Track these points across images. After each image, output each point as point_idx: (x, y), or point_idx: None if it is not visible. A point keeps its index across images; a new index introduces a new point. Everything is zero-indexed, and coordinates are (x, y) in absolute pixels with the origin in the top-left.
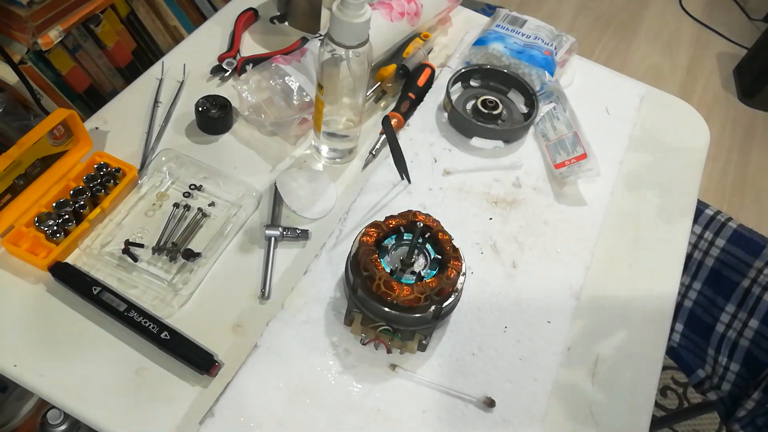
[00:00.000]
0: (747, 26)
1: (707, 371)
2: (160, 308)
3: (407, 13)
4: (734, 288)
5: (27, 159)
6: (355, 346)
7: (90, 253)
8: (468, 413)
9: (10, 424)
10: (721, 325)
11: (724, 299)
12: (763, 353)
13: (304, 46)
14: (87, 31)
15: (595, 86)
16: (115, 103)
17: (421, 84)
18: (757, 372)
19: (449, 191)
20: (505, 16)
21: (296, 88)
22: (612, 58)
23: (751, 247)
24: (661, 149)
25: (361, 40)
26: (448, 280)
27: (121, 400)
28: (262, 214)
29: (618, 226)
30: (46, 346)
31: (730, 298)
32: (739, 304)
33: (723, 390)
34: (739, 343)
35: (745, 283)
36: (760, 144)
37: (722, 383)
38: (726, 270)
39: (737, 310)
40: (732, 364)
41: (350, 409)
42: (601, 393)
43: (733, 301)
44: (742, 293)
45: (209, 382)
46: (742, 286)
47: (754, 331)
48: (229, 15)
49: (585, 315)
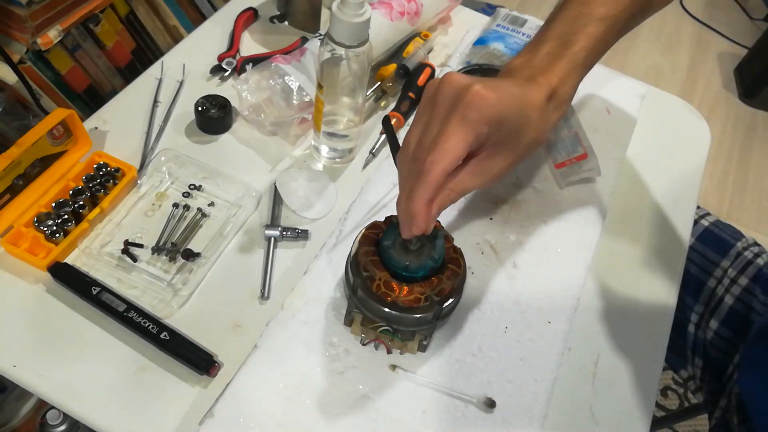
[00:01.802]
0: (748, 26)
1: (689, 371)
2: (159, 308)
3: (407, 12)
4: (701, 288)
5: (26, 159)
6: (355, 347)
7: (89, 253)
8: (468, 414)
9: (9, 425)
10: (691, 325)
11: (692, 299)
12: (722, 355)
13: (304, 46)
14: (86, 30)
15: (595, 86)
16: (115, 103)
17: (421, 84)
18: (719, 376)
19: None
20: (505, 16)
21: (296, 87)
22: (612, 58)
23: (719, 246)
24: (661, 149)
25: (361, 39)
26: (448, 280)
27: (120, 400)
28: (261, 214)
29: (618, 226)
30: (45, 347)
31: (698, 299)
32: (706, 304)
33: (705, 391)
34: (705, 345)
35: (711, 283)
36: (761, 144)
37: (703, 384)
38: (693, 268)
39: (704, 310)
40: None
41: (350, 409)
42: (601, 393)
43: (701, 302)
44: (708, 293)
45: (209, 383)
46: (708, 287)
47: (713, 332)
48: (229, 14)
49: (585, 315)
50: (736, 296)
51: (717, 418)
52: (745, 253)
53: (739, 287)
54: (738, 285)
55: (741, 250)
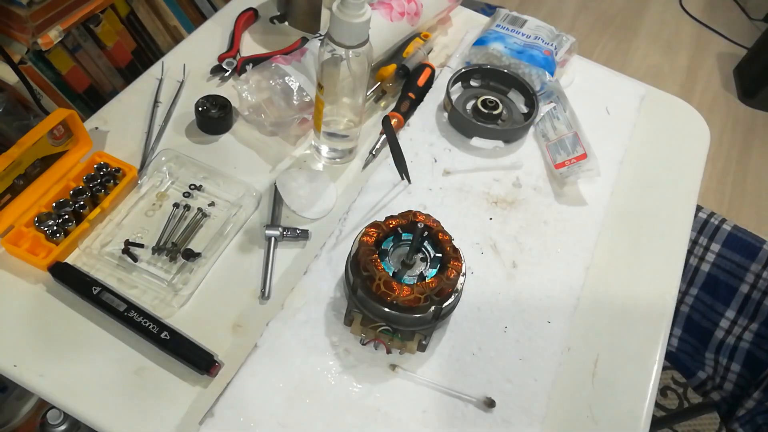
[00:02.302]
0: (747, 26)
1: (708, 372)
2: (160, 308)
3: (407, 12)
4: (733, 293)
5: (27, 159)
6: (355, 346)
7: (90, 253)
8: (468, 413)
9: (10, 424)
10: (720, 330)
11: (723, 305)
12: (764, 354)
13: (304, 46)
14: (87, 31)
15: (595, 86)
16: (115, 103)
17: (421, 84)
18: (758, 372)
19: (449, 191)
20: (505, 16)
21: (296, 88)
22: (612, 58)
23: (747, 251)
24: (661, 149)
25: (361, 40)
26: (448, 280)
27: (121, 400)
28: (262, 214)
29: (618, 226)
30: (46, 346)
31: (729, 304)
32: (739, 309)
33: (725, 389)
34: (739, 346)
35: (743, 288)
36: (760, 144)
37: (724, 383)
38: (723, 275)
39: (737, 315)
40: (733, 365)
41: (350, 409)
42: (601, 393)
43: (733, 307)
44: (741, 299)
45: (209, 382)
46: (740, 292)
47: (754, 334)
48: (229, 15)
49: (585, 315)
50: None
51: (748, 408)
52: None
53: None
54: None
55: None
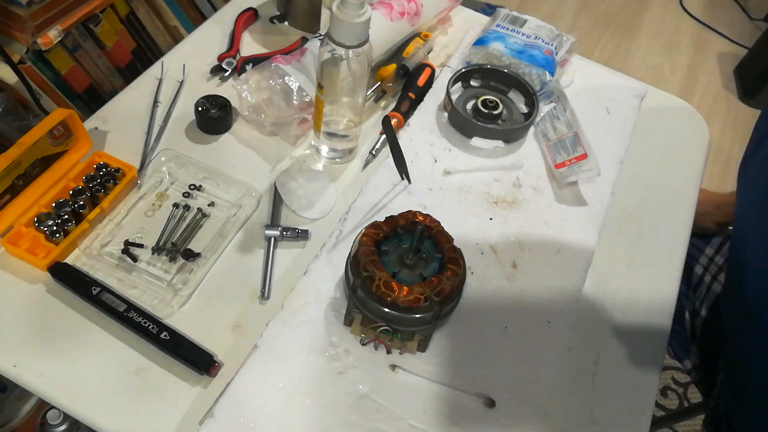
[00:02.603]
0: (747, 26)
1: (693, 361)
2: (159, 308)
3: (407, 12)
4: (689, 273)
5: (26, 159)
6: (355, 347)
7: (89, 253)
8: (468, 413)
9: (10, 424)
10: (687, 311)
11: (685, 285)
12: (718, 343)
13: (304, 46)
14: (86, 30)
15: (595, 86)
16: (115, 103)
17: (421, 84)
18: (713, 362)
19: (449, 191)
20: (505, 16)
21: (296, 88)
22: (612, 58)
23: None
24: (661, 149)
25: (361, 40)
26: (448, 280)
27: (120, 400)
28: (261, 214)
29: (618, 226)
30: (45, 347)
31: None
32: (694, 289)
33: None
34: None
35: (697, 269)
36: None
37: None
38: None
39: (692, 294)
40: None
41: (350, 409)
42: (601, 393)
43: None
44: (696, 280)
45: (209, 383)
46: (695, 273)
47: (703, 320)
48: (229, 15)
49: (585, 315)
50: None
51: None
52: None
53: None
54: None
55: (723, 240)
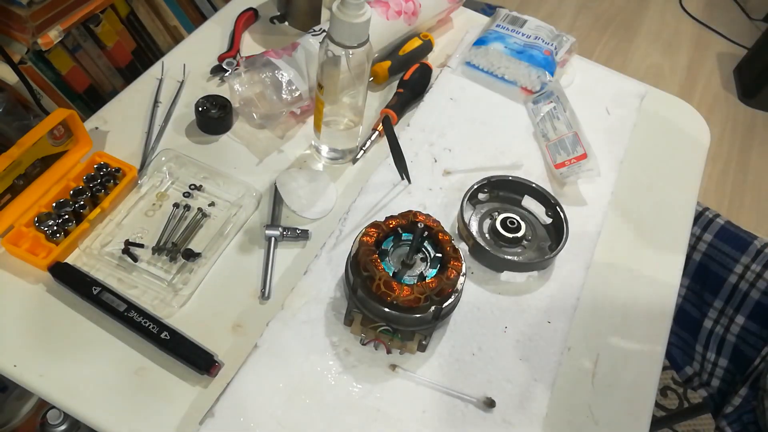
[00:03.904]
0: (747, 26)
1: (695, 368)
2: (160, 308)
3: (404, 12)
4: (722, 283)
5: (27, 159)
6: (355, 346)
7: (90, 253)
8: (468, 413)
9: (10, 424)
10: (709, 321)
11: (711, 294)
12: (749, 348)
13: (296, 41)
14: (87, 31)
15: (595, 86)
16: (115, 103)
17: (406, 78)
18: (744, 368)
19: (449, 191)
20: (505, 16)
21: (286, 81)
22: (612, 58)
23: (737, 243)
24: (661, 149)
25: (361, 40)
26: (448, 280)
27: (121, 400)
28: (262, 214)
29: (618, 226)
30: (46, 346)
31: (717, 294)
32: (727, 299)
33: (712, 386)
34: (726, 339)
35: (732, 278)
36: (761, 144)
37: (711, 379)
38: (713, 265)
39: (724, 305)
40: (720, 360)
41: (350, 409)
42: (601, 393)
43: (721, 297)
44: (729, 289)
45: (209, 382)
46: (729, 282)
47: (740, 327)
48: (229, 15)
49: (585, 315)
50: (762, 291)
51: (735, 405)
52: (766, 251)
53: (765, 282)
54: (764, 279)
55: (761, 248)
